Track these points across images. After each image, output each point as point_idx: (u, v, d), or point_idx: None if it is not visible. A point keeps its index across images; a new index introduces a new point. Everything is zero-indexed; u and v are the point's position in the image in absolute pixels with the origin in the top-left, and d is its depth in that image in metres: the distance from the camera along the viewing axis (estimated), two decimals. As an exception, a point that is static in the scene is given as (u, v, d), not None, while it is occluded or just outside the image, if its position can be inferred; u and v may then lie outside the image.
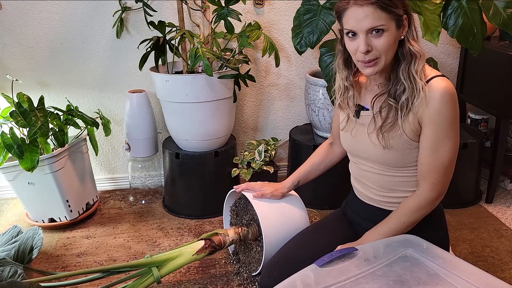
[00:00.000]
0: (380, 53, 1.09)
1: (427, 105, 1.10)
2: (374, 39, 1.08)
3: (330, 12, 1.89)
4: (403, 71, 1.11)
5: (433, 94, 1.09)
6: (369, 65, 1.11)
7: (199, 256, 1.49)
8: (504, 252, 1.76)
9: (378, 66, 1.11)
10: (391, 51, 1.10)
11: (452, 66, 2.45)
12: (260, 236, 1.49)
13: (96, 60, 2.21)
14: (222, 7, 1.86)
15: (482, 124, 2.36)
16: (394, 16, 1.06)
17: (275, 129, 2.46)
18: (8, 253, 1.60)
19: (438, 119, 1.10)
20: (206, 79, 1.85)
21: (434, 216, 1.25)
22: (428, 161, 1.15)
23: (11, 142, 1.72)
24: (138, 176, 2.31)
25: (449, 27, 1.73)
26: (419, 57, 1.11)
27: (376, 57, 1.10)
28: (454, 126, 1.12)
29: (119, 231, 2.01)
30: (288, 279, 0.97)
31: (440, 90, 1.09)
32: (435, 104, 1.09)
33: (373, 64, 1.11)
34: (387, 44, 1.08)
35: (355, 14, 1.06)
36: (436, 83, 1.10)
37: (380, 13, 1.05)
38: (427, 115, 1.11)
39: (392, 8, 1.05)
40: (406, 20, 1.10)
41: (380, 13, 1.05)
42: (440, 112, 1.09)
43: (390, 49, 1.10)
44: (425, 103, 1.10)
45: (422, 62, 1.12)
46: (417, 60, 1.11)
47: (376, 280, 0.94)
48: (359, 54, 1.10)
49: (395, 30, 1.08)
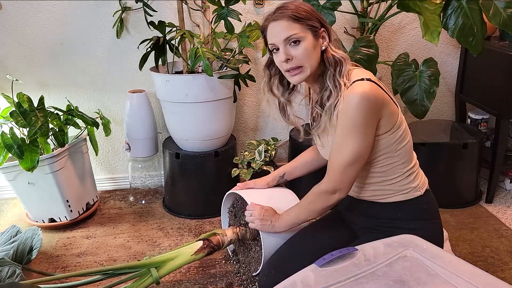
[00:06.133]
0: (301, 60, 1.19)
1: (341, 106, 1.17)
2: (292, 49, 1.18)
3: (330, 12, 1.89)
4: (329, 77, 1.20)
5: (347, 96, 1.16)
6: (294, 73, 1.21)
7: (197, 257, 1.49)
8: (504, 252, 1.76)
9: (304, 73, 1.21)
10: (313, 58, 1.20)
11: (452, 66, 2.45)
12: (258, 236, 1.49)
13: (96, 60, 2.21)
14: (222, 7, 1.86)
15: (482, 124, 2.35)
16: (308, 27, 1.18)
17: (275, 129, 2.46)
18: (7, 253, 1.60)
19: (345, 119, 1.16)
20: (206, 79, 1.85)
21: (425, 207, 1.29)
22: (332, 156, 1.23)
23: (11, 142, 1.72)
24: (138, 176, 2.31)
25: (449, 27, 1.74)
26: (343, 61, 1.20)
27: (299, 65, 1.20)
28: (361, 129, 1.16)
29: (119, 231, 2.01)
30: (288, 279, 0.97)
31: (354, 93, 1.14)
32: (345, 105, 1.16)
33: (298, 72, 1.21)
34: (305, 52, 1.18)
35: (273, 29, 1.20)
36: (353, 87, 1.16)
37: (293, 25, 1.17)
38: (339, 115, 1.18)
39: (304, 20, 1.17)
40: (324, 32, 1.21)
41: (293, 25, 1.17)
42: (346, 113, 1.15)
43: (311, 57, 1.19)
44: (341, 105, 1.17)
45: (347, 66, 1.20)
46: (342, 64, 1.20)
47: (376, 280, 0.94)
48: (283, 64, 1.21)
49: (313, 39, 1.19)
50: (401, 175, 1.26)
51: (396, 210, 1.29)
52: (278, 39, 1.19)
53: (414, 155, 1.32)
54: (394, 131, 1.21)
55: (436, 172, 2.03)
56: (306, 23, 1.17)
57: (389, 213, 1.30)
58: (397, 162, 1.25)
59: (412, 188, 1.27)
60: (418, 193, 1.28)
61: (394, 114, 1.21)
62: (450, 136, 2.17)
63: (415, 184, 1.28)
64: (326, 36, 1.22)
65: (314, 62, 1.20)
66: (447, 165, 2.06)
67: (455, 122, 2.36)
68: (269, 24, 1.21)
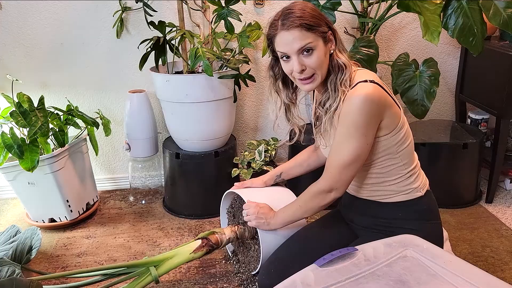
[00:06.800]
0: (314, 69, 1.19)
1: (343, 106, 1.17)
2: (306, 58, 1.17)
3: (330, 12, 1.89)
4: (331, 82, 1.21)
5: (349, 97, 1.16)
6: (307, 82, 1.21)
7: (196, 255, 1.49)
8: (504, 252, 1.76)
9: (315, 82, 1.21)
10: (324, 66, 1.20)
11: (452, 66, 2.45)
12: (257, 234, 1.49)
13: (96, 60, 2.21)
14: (222, 7, 1.86)
15: (482, 124, 2.35)
16: (319, 34, 1.16)
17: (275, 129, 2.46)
18: (6, 253, 1.60)
19: (346, 119, 1.17)
20: (206, 79, 1.85)
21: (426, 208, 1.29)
22: (331, 155, 1.23)
23: (11, 142, 1.72)
24: (138, 176, 2.31)
25: (449, 27, 1.74)
26: (345, 68, 1.19)
27: (312, 74, 1.20)
28: (361, 131, 1.16)
29: (119, 231, 2.01)
30: (288, 279, 0.97)
31: (357, 94, 1.14)
32: (347, 106, 1.16)
33: (310, 81, 1.21)
34: (318, 61, 1.17)
35: (284, 38, 1.17)
36: (356, 89, 1.16)
37: (306, 33, 1.15)
38: (340, 115, 1.18)
39: (316, 27, 1.15)
40: (331, 35, 1.20)
41: (306, 33, 1.15)
42: (349, 114, 1.16)
43: (322, 65, 1.19)
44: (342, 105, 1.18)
45: (348, 72, 1.19)
46: (344, 71, 1.19)
47: (376, 280, 0.94)
48: (296, 74, 1.20)
49: (323, 46, 1.18)
50: (401, 176, 1.26)
51: (396, 210, 1.29)
52: (291, 49, 1.16)
53: (415, 156, 1.31)
54: (395, 132, 1.21)
55: (436, 172, 2.03)
56: (318, 30, 1.16)
57: (389, 213, 1.30)
58: (398, 163, 1.25)
59: (413, 189, 1.27)
60: (419, 194, 1.28)
61: (396, 116, 1.21)
62: (450, 136, 2.17)
63: (416, 185, 1.28)
64: (333, 38, 1.21)
65: (325, 69, 1.20)
66: (447, 165, 2.06)
67: (455, 122, 2.36)
68: (279, 33, 1.17)
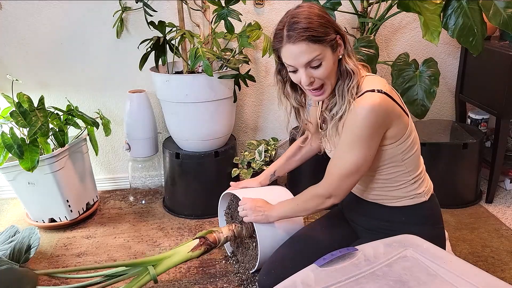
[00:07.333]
0: (323, 80, 1.16)
1: (348, 115, 1.15)
2: (314, 71, 1.14)
3: (330, 12, 1.89)
4: (338, 88, 1.17)
5: (355, 107, 1.13)
6: (318, 93, 1.19)
7: (194, 254, 1.49)
8: (504, 252, 1.76)
9: (326, 92, 1.19)
10: (333, 74, 1.17)
11: (452, 66, 2.45)
12: (254, 233, 1.50)
13: (96, 60, 2.21)
14: (222, 7, 1.86)
15: (482, 124, 2.36)
16: (327, 43, 1.12)
17: (275, 129, 2.46)
18: (4, 252, 1.60)
19: (350, 130, 1.15)
20: (206, 79, 1.85)
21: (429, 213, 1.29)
22: (332, 162, 1.23)
23: (11, 142, 1.72)
24: (138, 176, 2.31)
25: (449, 27, 1.74)
26: (353, 75, 1.16)
27: (321, 84, 1.17)
28: (365, 142, 1.14)
29: (119, 231, 2.01)
30: (288, 279, 0.97)
31: (362, 105, 1.12)
32: (352, 116, 1.14)
33: (321, 92, 1.19)
34: (327, 72, 1.14)
35: (290, 51, 1.12)
36: (363, 98, 1.13)
37: (313, 46, 1.10)
38: (345, 124, 1.17)
39: (323, 38, 1.11)
40: (340, 40, 1.15)
41: (313, 46, 1.10)
42: (353, 124, 1.14)
43: (331, 74, 1.16)
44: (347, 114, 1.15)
45: (356, 79, 1.16)
46: (352, 77, 1.15)
47: (376, 280, 0.94)
48: (306, 86, 1.17)
49: (332, 55, 1.14)
50: (406, 183, 1.25)
51: (399, 214, 1.28)
52: (298, 63, 1.13)
53: (421, 162, 1.30)
54: (402, 141, 1.19)
55: (436, 172, 2.02)
56: (325, 41, 1.11)
57: (392, 216, 1.29)
58: (403, 171, 1.23)
59: (417, 195, 1.26)
60: (423, 199, 1.27)
61: (404, 125, 1.18)
62: (450, 136, 2.17)
63: (421, 191, 1.27)
64: (342, 43, 1.16)
65: (334, 77, 1.18)
66: (447, 165, 2.06)
67: (455, 122, 2.36)
68: (284, 45, 1.13)
